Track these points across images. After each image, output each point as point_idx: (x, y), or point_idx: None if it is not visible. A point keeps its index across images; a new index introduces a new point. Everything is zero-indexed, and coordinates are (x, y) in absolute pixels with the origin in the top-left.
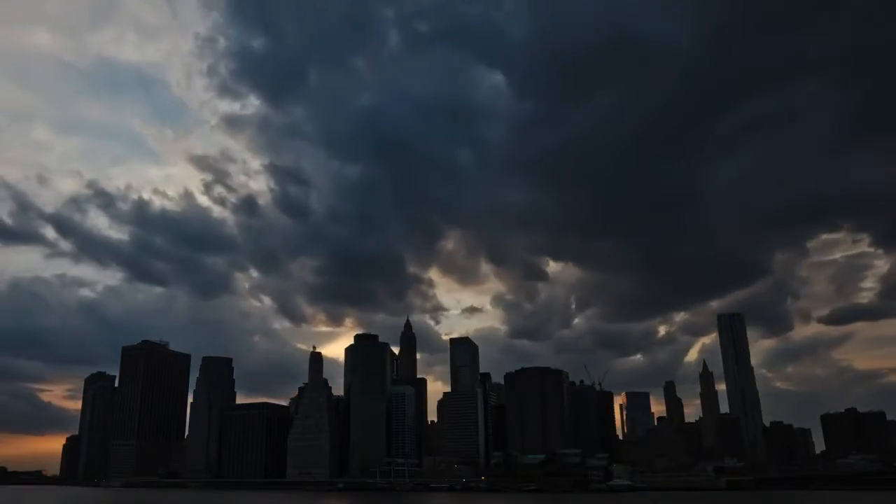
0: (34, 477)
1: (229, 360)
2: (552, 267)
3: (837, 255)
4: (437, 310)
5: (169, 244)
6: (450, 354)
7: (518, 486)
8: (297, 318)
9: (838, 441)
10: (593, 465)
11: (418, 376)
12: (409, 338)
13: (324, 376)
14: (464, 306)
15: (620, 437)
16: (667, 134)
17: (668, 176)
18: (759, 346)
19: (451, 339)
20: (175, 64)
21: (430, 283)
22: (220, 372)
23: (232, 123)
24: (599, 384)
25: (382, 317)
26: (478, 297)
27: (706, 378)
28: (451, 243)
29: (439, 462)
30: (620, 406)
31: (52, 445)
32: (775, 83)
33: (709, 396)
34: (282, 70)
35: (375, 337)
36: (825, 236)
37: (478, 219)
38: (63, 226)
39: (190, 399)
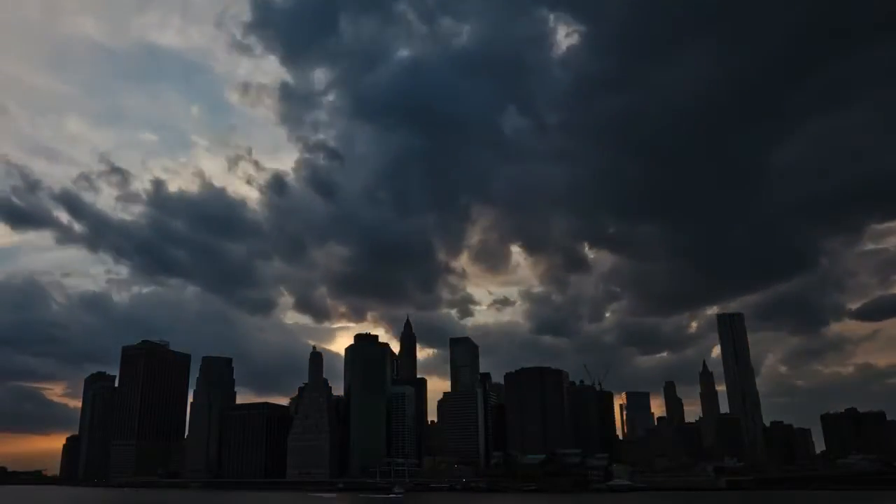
0: (34, 477)
1: (229, 360)
2: (589, 253)
3: (892, 245)
4: (466, 302)
5: (188, 229)
6: (450, 354)
7: (518, 486)
8: (318, 313)
9: (838, 441)
10: (593, 465)
11: (419, 376)
12: (409, 337)
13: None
14: (495, 297)
15: (620, 437)
16: (739, 104)
17: (731, 153)
18: (787, 344)
19: (451, 339)
20: (214, 46)
21: (462, 274)
22: (219, 372)
23: (250, 90)
24: (599, 384)
25: (410, 311)
26: (507, 287)
27: (706, 378)
28: (483, 226)
29: (439, 462)
30: (620, 406)
31: (54, 444)
32: (861, 45)
33: (709, 396)
34: (307, 20)
35: (376, 337)
36: (878, 225)
37: (515, 197)
38: (76, 209)
39: (190, 399)
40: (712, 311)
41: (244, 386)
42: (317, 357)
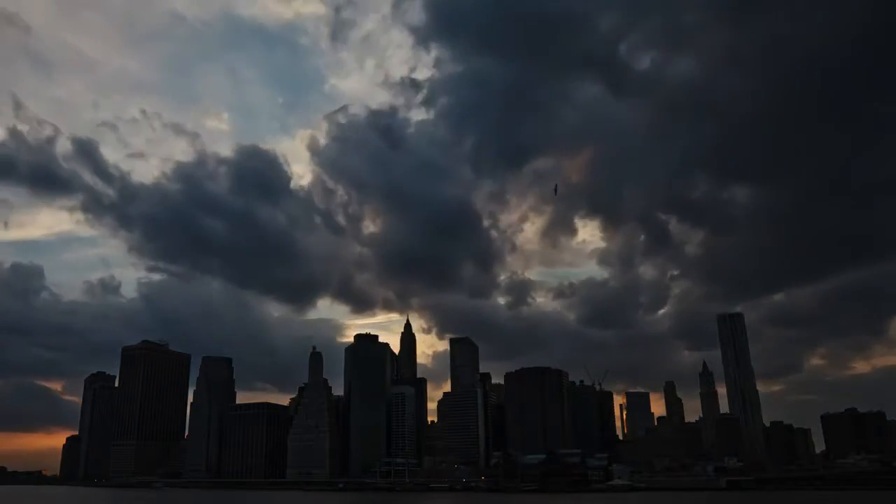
0: (34, 477)
1: (229, 360)
2: (665, 220)
3: None
4: (523, 290)
5: (227, 193)
6: (450, 354)
7: (518, 486)
8: (359, 300)
9: (838, 441)
10: (593, 465)
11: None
12: (409, 337)
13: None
14: (556, 279)
15: (620, 437)
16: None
17: (859, 110)
18: (840, 337)
19: (452, 339)
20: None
21: (523, 253)
22: (219, 372)
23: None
24: (599, 384)
25: (461, 298)
26: (568, 269)
27: (706, 378)
28: (552, 192)
29: (439, 462)
30: (620, 406)
31: (58, 442)
32: None
33: (709, 396)
34: None
35: (376, 337)
36: None
37: (597, 143)
38: (102, 172)
39: (190, 399)
40: (778, 298)
41: (266, 382)
42: (317, 357)
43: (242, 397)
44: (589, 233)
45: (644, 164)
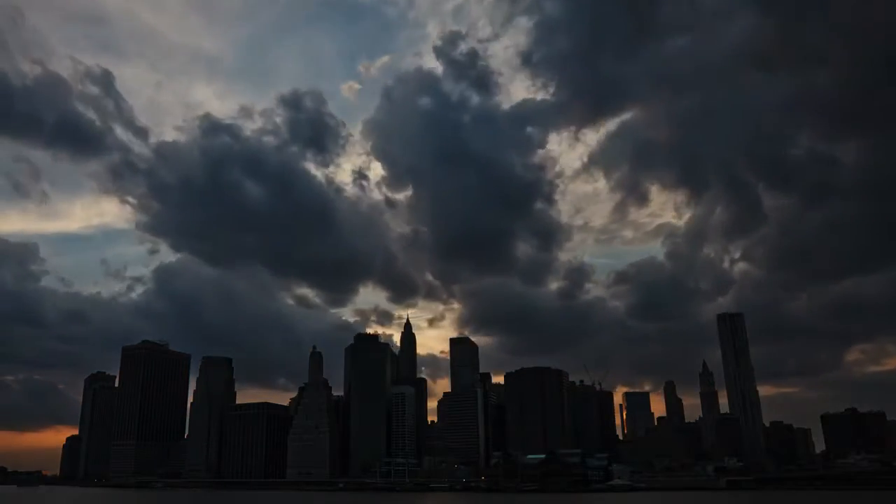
0: (34, 477)
1: (229, 360)
2: (752, 187)
3: None
4: (581, 275)
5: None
6: (450, 354)
7: (518, 486)
8: (399, 285)
9: (838, 441)
10: (593, 465)
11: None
12: (410, 337)
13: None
14: (616, 259)
15: (620, 437)
16: None
17: None
18: (880, 336)
19: (451, 339)
20: None
21: (586, 230)
22: (219, 372)
23: None
24: (599, 384)
25: (514, 282)
26: (633, 246)
27: (706, 378)
28: (632, 152)
29: (439, 462)
30: (620, 406)
31: (60, 439)
32: None
33: (709, 396)
34: None
35: (376, 337)
36: None
37: (685, 92)
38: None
39: (190, 399)
40: (843, 286)
41: (286, 380)
42: (317, 357)
43: (257, 394)
44: (661, 203)
45: (742, 113)
